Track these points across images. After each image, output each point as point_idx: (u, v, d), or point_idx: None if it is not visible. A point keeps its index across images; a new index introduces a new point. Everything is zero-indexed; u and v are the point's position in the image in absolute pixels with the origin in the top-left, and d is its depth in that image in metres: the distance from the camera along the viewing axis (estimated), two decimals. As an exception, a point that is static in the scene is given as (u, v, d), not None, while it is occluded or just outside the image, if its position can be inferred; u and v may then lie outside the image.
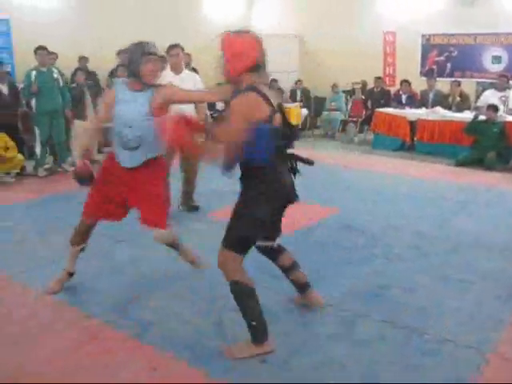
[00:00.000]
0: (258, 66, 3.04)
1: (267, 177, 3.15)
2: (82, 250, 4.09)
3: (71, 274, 4.13)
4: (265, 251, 3.67)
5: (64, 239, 4.16)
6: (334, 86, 12.71)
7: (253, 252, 3.97)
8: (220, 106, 10.53)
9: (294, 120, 11.83)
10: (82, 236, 4.04)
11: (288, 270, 3.74)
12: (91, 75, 10.03)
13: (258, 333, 3.22)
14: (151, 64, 3.60)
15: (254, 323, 3.20)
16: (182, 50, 5.92)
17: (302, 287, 3.81)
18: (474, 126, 9.31)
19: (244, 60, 3.00)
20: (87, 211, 3.99)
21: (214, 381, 2.99)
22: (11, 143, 7.87)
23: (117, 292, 4.10)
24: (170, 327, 3.58)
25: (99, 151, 9.92)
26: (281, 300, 3.92)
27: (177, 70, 5.84)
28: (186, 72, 6.00)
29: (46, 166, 8.55)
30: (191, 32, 11.71)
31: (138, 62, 3.59)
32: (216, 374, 3.04)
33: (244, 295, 3.21)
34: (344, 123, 12.58)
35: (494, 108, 9.23)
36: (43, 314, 3.76)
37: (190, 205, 6.23)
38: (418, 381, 3.00)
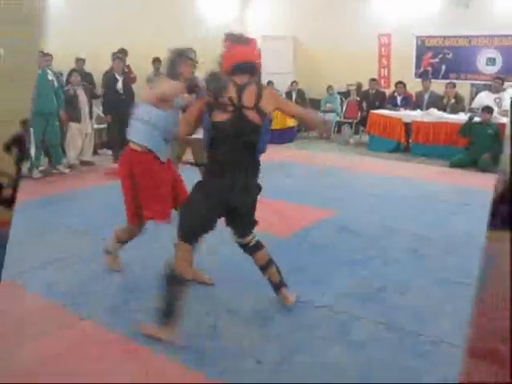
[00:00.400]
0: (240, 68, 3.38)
1: (208, 168, 3.48)
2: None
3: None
4: (242, 247, 3.75)
5: (60, 241, 4.15)
6: (329, 88, 12.73)
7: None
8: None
9: (290, 122, 11.86)
10: (128, 238, 4.35)
11: (261, 268, 3.79)
12: (87, 76, 10.00)
13: (164, 317, 3.34)
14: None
15: (164, 306, 3.34)
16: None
17: (274, 287, 3.85)
18: (468, 128, 9.34)
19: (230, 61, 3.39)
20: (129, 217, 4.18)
21: (210, 381, 3.00)
22: (6, 144, 7.85)
23: (111, 294, 4.10)
24: (166, 329, 3.58)
25: (95, 153, 9.94)
26: (275, 302, 3.91)
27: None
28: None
29: (41, 168, 8.53)
30: (186, 33, 11.69)
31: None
32: (212, 376, 3.04)
33: (172, 281, 3.36)
34: (339, 125, 12.60)
35: (488, 110, 9.26)
36: (38, 316, 3.75)
37: None
38: (412, 382, 3.01)
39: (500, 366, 1.56)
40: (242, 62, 3.38)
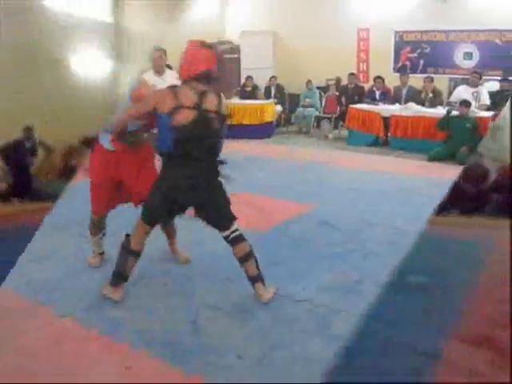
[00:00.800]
0: (206, 76, 3.55)
1: (166, 169, 3.64)
2: (103, 235, 4.52)
3: (102, 253, 4.58)
4: (225, 240, 3.85)
5: (40, 237, 4.12)
6: (309, 83, 12.72)
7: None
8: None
9: (268, 117, 11.87)
10: (98, 227, 4.45)
11: (240, 261, 3.84)
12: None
13: (116, 279, 3.82)
14: None
15: (118, 271, 3.81)
16: (165, 52, 5.82)
17: (250, 281, 3.88)
18: (446, 122, 9.40)
19: (192, 69, 3.53)
20: (95, 209, 4.36)
21: (190, 378, 2.99)
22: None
23: (90, 290, 4.06)
24: (145, 325, 3.56)
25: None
26: (256, 296, 3.91)
27: (159, 72, 5.77)
28: (168, 73, 5.89)
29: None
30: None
31: None
32: (192, 372, 3.03)
33: (127, 251, 3.76)
34: (318, 119, 12.62)
35: (466, 103, 9.33)
36: (16, 314, 3.72)
37: None
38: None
39: (496, 352, 1.55)
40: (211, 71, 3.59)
